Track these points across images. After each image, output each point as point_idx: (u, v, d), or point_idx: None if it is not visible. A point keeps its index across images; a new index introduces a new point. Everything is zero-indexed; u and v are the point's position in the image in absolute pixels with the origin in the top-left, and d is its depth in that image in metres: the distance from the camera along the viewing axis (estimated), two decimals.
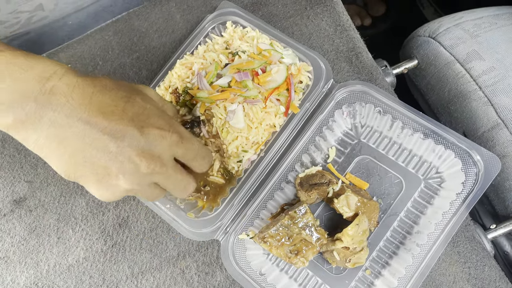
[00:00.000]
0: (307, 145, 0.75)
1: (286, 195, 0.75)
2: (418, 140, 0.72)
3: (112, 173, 0.49)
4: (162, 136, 0.51)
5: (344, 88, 0.74)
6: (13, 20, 0.91)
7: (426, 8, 1.68)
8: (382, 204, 0.73)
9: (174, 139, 0.52)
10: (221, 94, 0.71)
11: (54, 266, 0.78)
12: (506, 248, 0.87)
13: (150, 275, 0.76)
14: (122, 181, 0.50)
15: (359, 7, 1.84)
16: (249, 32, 0.80)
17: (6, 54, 0.49)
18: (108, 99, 0.50)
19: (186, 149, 0.54)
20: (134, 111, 0.50)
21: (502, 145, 0.78)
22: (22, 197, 0.83)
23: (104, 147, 0.48)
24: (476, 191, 0.66)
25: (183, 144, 0.54)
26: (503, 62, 0.81)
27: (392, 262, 0.69)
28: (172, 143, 0.52)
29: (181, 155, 0.54)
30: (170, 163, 0.53)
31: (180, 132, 0.54)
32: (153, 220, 0.79)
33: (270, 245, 0.68)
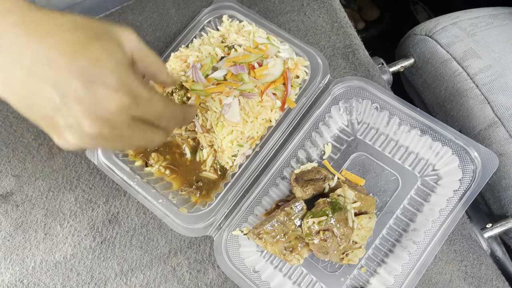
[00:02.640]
0: (303, 141, 0.73)
1: (281, 191, 0.74)
2: (415, 136, 0.71)
3: (58, 125, 0.45)
4: (111, 97, 0.45)
5: (341, 83, 0.73)
6: None
7: (419, 13, 1.69)
8: (378, 202, 0.72)
9: (126, 101, 0.45)
10: (217, 87, 0.69)
11: (40, 263, 0.76)
12: (498, 253, 0.86)
13: (140, 272, 0.74)
14: (70, 136, 0.46)
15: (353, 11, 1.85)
16: (245, 26, 0.79)
17: None
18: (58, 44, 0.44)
19: (143, 112, 0.48)
20: (84, 63, 0.44)
21: (498, 143, 0.77)
22: (9, 191, 0.81)
23: (48, 97, 0.44)
24: (473, 188, 0.65)
25: (139, 107, 0.47)
26: (499, 60, 0.81)
27: (388, 260, 0.68)
28: (123, 106, 0.46)
29: (139, 116, 0.48)
30: (122, 125, 0.47)
31: (137, 93, 0.47)
32: (144, 216, 0.77)
33: (265, 241, 0.66)
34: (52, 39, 0.44)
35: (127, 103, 0.46)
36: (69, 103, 0.44)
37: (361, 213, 0.67)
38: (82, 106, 0.44)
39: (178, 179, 0.75)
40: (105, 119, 0.45)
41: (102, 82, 0.44)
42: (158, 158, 0.75)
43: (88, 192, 0.79)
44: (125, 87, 0.46)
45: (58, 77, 0.43)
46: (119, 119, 0.46)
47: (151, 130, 0.51)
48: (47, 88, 0.43)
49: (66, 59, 0.44)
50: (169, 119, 0.52)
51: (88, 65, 0.44)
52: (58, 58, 0.44)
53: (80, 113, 0.44)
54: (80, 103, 0.44)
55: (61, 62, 0.44)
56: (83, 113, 0.44)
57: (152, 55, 0.54)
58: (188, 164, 0.76)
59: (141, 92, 0.47)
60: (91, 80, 0.44)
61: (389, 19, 1.82)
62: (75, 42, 0.45)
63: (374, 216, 0.68)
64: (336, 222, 0.63)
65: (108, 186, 0.79)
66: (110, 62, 0.46)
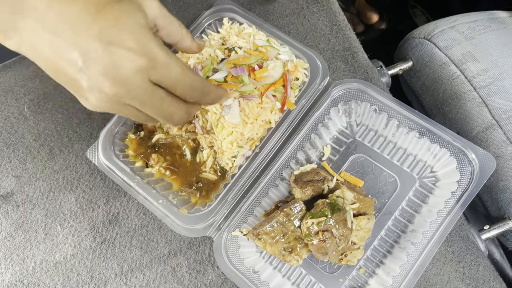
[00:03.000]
0: (302, 142, 0.74)
1: (280, 192, 0.75)
2: (414, 138, 0.72)
3: (82, 87, 0.46)
4: (128, 58, 0.45)
5: (340, 85, 0.74)
6: None
7: (418, 16, 1.70)
8: (376, 203, 0.72)
9: (143, 64, 0.45)
10: None
11: (40, 263, 0.76)
12: (496, 255, 0.87)
13: (140, 272, 0.74)
14: (92, 97, 0.47)
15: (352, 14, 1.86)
16: (245, 28, 0.79)
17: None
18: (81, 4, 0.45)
19: (160, 75, 0.47)
20: (103, 23, 0.44)
21: (496, 146, 0.78)
22: (10, 192, 0.81)
23: (71, 59, 0.45)
24: (471, 189, 0.66)
25: (156, 70, 0.47)
26: (497, 64, 0.82)
27: (386, 261, 0.68)
28: (140, 68, 0.45)
29: (156, 81, 0.48)
30: (141, 89, 0.47)
31: (154, 55, 0.46)
32: (144, 217, 0.77)
33: (265, 242, 0.67)
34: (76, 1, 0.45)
35: (143, 65, 0.46)
36: (89, 64, 0.44)
37: (360, 214, 0.68)
38: (100, 67, 0.44)
39: (178, 180, 0.75)
40: (122, 79, 0.45)
41: (119, 43, 0.45)
42: (158, 159, 0.76)
43: (89, 192, 0.80)
44: (142, 48, 0.46)
45: (79, 38, 0.44)
46: (137, 81, 0.46)
47: (171, 101, 0.50)
48: (70, 50, 0.44)
49: (87, 19, 0.44)
50: (187, 87, 0.51)
51: (107, 26, 0.45)
52: (80, 19, 0.44)
53: (99, 74, 0.44)
54: (99, 64, 0.44)
55: (82, 23, 0.44)
56: (102, 74, 0.44)
57: (176, 22, 0.54)
58: (188, 165, 0.76)
59: (159, 54, 0.47)
60: (109, 41, 0.44)
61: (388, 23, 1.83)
62: (97, 3, 0.45)
63: (372, 217, 0.68)
64: (335, 223, 0.63)
65: (109, 187, 0.80)
66: (130, 24, 0.46)
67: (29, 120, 0.86)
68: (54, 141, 0.84)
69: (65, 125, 0.85)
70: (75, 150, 0.83)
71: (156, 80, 0.48)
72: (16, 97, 0.87)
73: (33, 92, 0.87)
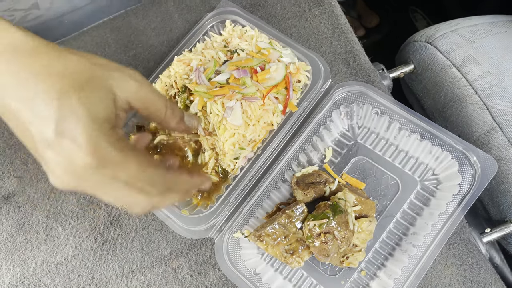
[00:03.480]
0: (304, 144, 0.74)
1: (282, 194, 0.75)
2: (415, 141, 0.72)
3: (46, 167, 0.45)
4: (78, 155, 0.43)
5: (342, 88, 0.74)
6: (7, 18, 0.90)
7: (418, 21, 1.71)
8: (378, 205, 0.72)
9: (92, 162, 0.44)
10: (220, 89, 0.70)
11: (41, 264, 0.76)
12: (496, 260, 0.87)
13: (141, 274, 0.74)
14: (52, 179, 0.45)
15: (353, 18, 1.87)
16: (248, 31, 0.80)
17: None
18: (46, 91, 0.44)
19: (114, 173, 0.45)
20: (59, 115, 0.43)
21: (497, 149, 0.78)
22: (11, 192, 0.81)
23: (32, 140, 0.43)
24: (473, 192, 0.66)
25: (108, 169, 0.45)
26: (498, 67, 0.82)
27: (387, 264, 0.68)
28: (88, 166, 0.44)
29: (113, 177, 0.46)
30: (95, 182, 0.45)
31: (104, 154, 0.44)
32: (146, 218, 0.77)
33: (266, 244, 0.67)
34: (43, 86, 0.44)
35: (93, 164, 0.44)
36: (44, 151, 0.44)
37: (362, 217, 0.68)
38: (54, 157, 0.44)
39: None
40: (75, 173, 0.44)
41: (70, 137, 0.43)
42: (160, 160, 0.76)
43: None
44: (92, 147, 0.44)
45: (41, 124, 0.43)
46: (89, 176, 0.45)
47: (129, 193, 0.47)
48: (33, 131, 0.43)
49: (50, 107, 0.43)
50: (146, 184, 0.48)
51: (61, 118, 0.43)
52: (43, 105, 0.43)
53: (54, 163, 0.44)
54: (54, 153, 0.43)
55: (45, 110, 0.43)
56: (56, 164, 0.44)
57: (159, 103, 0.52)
58: (189, 167, 0.76)
59: (110, 153, 0.45)
60: (62, 133, 0.43)
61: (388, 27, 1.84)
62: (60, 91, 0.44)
63: (374, 220, 0.68)
64: (337, 225, 0.63)
65: None
66: (84, 118, 0.44)
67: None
68: None
69: None
70: None
71: (112, 176, 0.46)
72: None
73: None
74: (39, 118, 0.43)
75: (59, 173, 0.44)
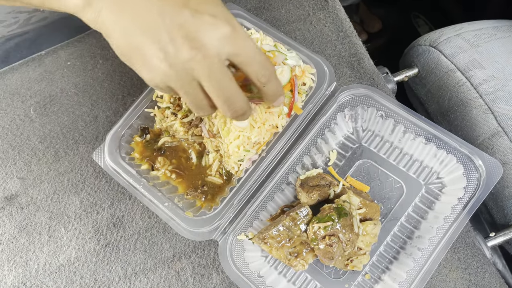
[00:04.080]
0: (308, 147, 0.74)
1: (286, 196, 0.74)
2: (420, 144, 0.72)
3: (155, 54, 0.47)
4: (214, 24, 0.46)
5: (347, 91, 0.74)
6: (11, 20, 0.90)
7: (421, 26, 1.72)
8: (382, 209, 0.72)
9: (226, 31, 0.47)
10: None
11: (44, 266, 0.76)
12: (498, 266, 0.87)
13: (144, 276, 0.74)
14: (163, 62, 0.47)
15: (355, 23, 1.87)
16: (253, 33, 0.80)
17: None
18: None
19: (239, 47, 0.48)
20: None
21: (502, 153, 0.78)
22: (14, 194, 0.81)
23: (153, 23, 0.46)
24: (478, 195, 0.65)
25: (236, 40, 0.48)
26: (503, 71, 0.82)
27: (392, 267, 0.68)
28: (223, 35, 0.47)
29: (233, 53, 0.48)
30: (216, 59, 0.47)
31: (236, 26, 0.48)
32: (149, 220, 0.77)
33: (271, 246, 0.67)
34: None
35: (227, 33, 0.47)
36: (172, 29, 0.46)
37: (366, 220, 0.68)
38: (184, 31, 0.46)
39: (183, 183, 0.75)
40: (202, 44, 0.46)
41: (205, 11, 0.47)
42: (164, 162, 0.76)
43: (93, 195, 0.80)
44: (226, 18, 0.48)
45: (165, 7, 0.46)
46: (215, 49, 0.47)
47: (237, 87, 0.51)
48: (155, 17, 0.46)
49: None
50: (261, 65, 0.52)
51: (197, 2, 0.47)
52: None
53: (181, 38, 0.46)
54: (184, 29, 0.46)
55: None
56: (184, 38, 0.46)
57: None
58: (193, 169, 0.76)
59: (240, 27, 0.49)
60: (196, 9, 0.46)
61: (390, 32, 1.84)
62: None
63: (379, 223, 0.68)
64: (342, 227, 0.63)
65: (114, 190, 0.79)
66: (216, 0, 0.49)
67: (35, 122, 0.86)
68: (60, 144, 0.84)
69: (70, 127, 0.85)
70: (81, 153, 0.83)
71: (231, 53, 0.48)
72: (22, 99, 0.88)
73: (39, 95, 0.88)
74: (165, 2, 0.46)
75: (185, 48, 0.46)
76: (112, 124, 0.81)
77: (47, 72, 0.89)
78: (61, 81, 0.88)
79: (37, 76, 0.89)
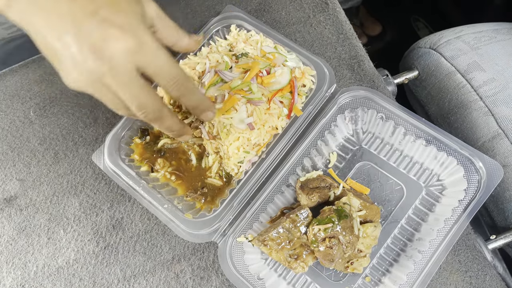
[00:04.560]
0: (308, 149, 0.74)
1: (286, 198, 0.74)
2: (420, 146, 0.72)
3: (67, 60, 0.46)
4: (118, 37, 0.46)
5: (347, 93, 0.74)
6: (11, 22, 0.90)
7: (421, 29, 1.72)
8: (382, 211, 0.72)
9: (131, 45, 0.46)
10: (229, 101, 0.70)
11: (42, 268, 0.75)
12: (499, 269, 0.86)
13: (143, 278, 0.73)
14: (74, 72, 0.47)
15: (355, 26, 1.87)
16: (253, 35, 0.80)
17: None
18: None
19: (145, 61, 0.48)
20: (102, 2, 0.46)
21: (502, 155, 0.78)
22: (13, 195, 0.81)
23: (62, 32, 0.45)
24: (478, 198, 0.65)
25: (142, 53, 0.47)
26: (503, 73, 0.82)
27: (392, 270, 0.68)
28: (128, 49, 0.46)
29: (140, 66, 0.48)
30: (123, 69, 0.47)
31: (143, 40, 0.47)
32: (148, 222, 0.77)
33: (270, 248, 0.66)
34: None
35: (131, 46, 0.46)
36: (79, 38, 0.45)
37: (366, 222, 0.68)
38: (89, 41, 0.45)
39: (183, 185, 0.75)
40: (108, 56, 0.46)
41: (113, 22, 0.46)
42: (164, 163, 0.75)
43: (93, 197, 0.79)
44: (133, 31, 0.47)
45: (77, 13, 0.45)
46: (121, 61, 0.47)
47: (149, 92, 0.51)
48: (64, 22, 0.45)
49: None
50: (170, 78, 0.51)
51: (104, 5, 0.46)
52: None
53: (87, 48, 0.45)
54: (89, 38, 0.45)
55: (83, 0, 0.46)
56: (89, 48, 0.45)
57: (171, 23, 0.57)
58: (193, 170, 0.76)
59: (148, 40, 0.48)
60: (104, 18, 0.46)
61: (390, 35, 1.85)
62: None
63: (379, 225, 0.68)
64: (342, 229, 0.63)
65: (113, 192, 0.79)
66: (127, 8, 0.48)
67: (35, 124, 0.86)
68: (59, 145, 0.84)
69: (70, 129, 0.85)
70: (80, 155, 0.82)
71: (140, 66, 0.48)
72: (22, 101, 0.87)
73: (39, 96, 0.88)
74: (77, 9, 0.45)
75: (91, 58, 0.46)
76: (112, 125, 0.81)
77: (47, 74, 0.89)
78: (60, 82, 0.87)
79: (37, 78, 0.89)
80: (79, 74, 0.47)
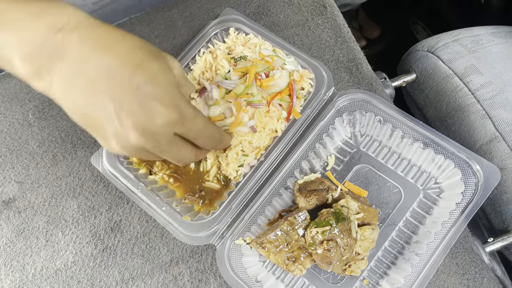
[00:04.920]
0: (307, 152, 0.74)
1: (284, 201, 0.74)
2: (418, 149, 0.72)
3: (108, 133, 0.49)
4: (162, 113, 0.49)
5: (345, 96, 0.74)
6: None
7: (419, 32, 1.72)
8: (380, 214, 0.72)
9: (174, 118, 0.50)
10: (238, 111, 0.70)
11: (41, 270, 0.75)
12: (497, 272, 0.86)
13: (141, 281, 0.74)
14: (115, 145, 0.50)
15: (354, 29, 1.88)
16: (251, 39, 0.80)
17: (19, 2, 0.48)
18: (121, 59, 0.48)
19: (186, 129, 0.53)
20: (142, 79, 0.48)
21: (500, 158, 0.78)
22: (12, 198, 0.81)
23: (104, 107, 0.48)
24: (475, 201, 0.65)
25: (184, 124, 0.52)
26: (500, 77, 0.82)
27: (390, 272, 0.68)
28: (171, 123, 0.50)
29: (181, 133, 0.53)
30: (165, 140, 0.52)
31: (184, 111, 0.51)
32: (147, 225, 0.77)
33: (268, 251, 0.67)
34: (115, 54, 0.48)
35: (174, 119, 0.50)
36: (121, 115, 0.48)
37: (364, 225, 0.68)
38: (133, 118, 0.48)
39: (181, 187, 0.75)
40: (152, 132, 0.49)
41: (155, 98, 0.48)
42: (162, 166, 0.76)
43: (91, 199, 0.79)
44: (175, 104, 0.50)
45: (116, 90, 0.47)
46: (164, 134, 0.51)
47: (186, 148, 0.56)
48: (105, 99, 0.47)
49: (126, 74, 0.48)
50: (207, 138, 0.58)
51: (145, 82, 0.48)
52: (118, 72, 0.48)
53: (130, 124, 0.48)
54: (132, 115, 0.48)
55: (121, 77, 0.47)
56: (133, 125, 0.48)
57: (191, 84, 0.61)
58: (191, 173, 0.76)
59: (188, 110, 0.52)
60: (146, 95, 0.48)
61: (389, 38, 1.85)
62: (135, 59, 0.49)
63: (377, 228, 0.68)
64: (340, 232, 0.63)
65: (111, 194, 0.79)
66: (165, 81, 0.50)
67: (33, 126, 0.86)
68: (58, 148, 0.84)
69: (69, 131, 0.85)
70: (79, 157, 0.83)
71: (180, 133, 0.53)
72: (21, 104, 0.88)
73: (38, 99, 0.88)
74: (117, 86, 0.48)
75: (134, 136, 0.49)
76: None
77: None
78: None
79: None
80: (121, 147, 0.50)
